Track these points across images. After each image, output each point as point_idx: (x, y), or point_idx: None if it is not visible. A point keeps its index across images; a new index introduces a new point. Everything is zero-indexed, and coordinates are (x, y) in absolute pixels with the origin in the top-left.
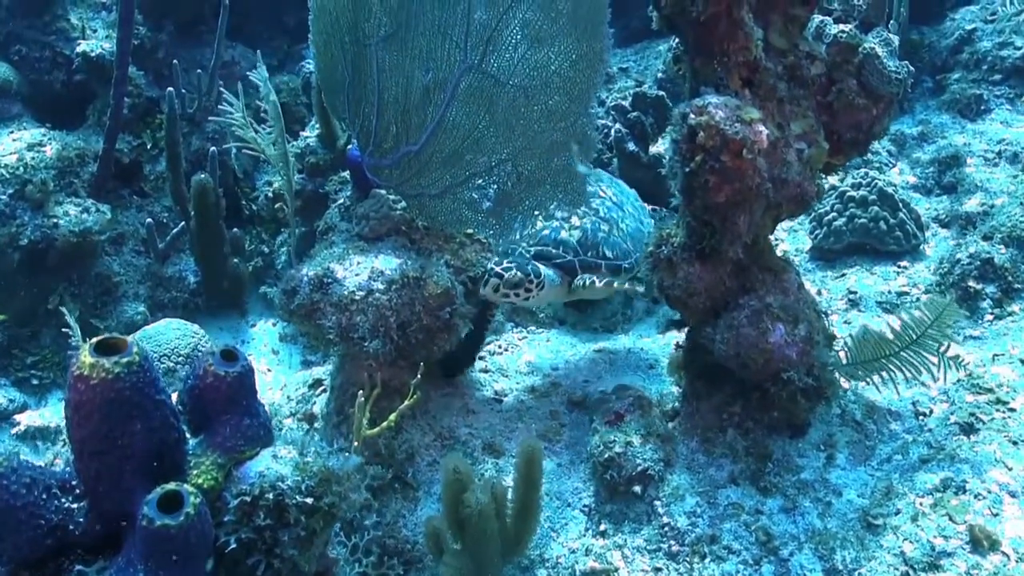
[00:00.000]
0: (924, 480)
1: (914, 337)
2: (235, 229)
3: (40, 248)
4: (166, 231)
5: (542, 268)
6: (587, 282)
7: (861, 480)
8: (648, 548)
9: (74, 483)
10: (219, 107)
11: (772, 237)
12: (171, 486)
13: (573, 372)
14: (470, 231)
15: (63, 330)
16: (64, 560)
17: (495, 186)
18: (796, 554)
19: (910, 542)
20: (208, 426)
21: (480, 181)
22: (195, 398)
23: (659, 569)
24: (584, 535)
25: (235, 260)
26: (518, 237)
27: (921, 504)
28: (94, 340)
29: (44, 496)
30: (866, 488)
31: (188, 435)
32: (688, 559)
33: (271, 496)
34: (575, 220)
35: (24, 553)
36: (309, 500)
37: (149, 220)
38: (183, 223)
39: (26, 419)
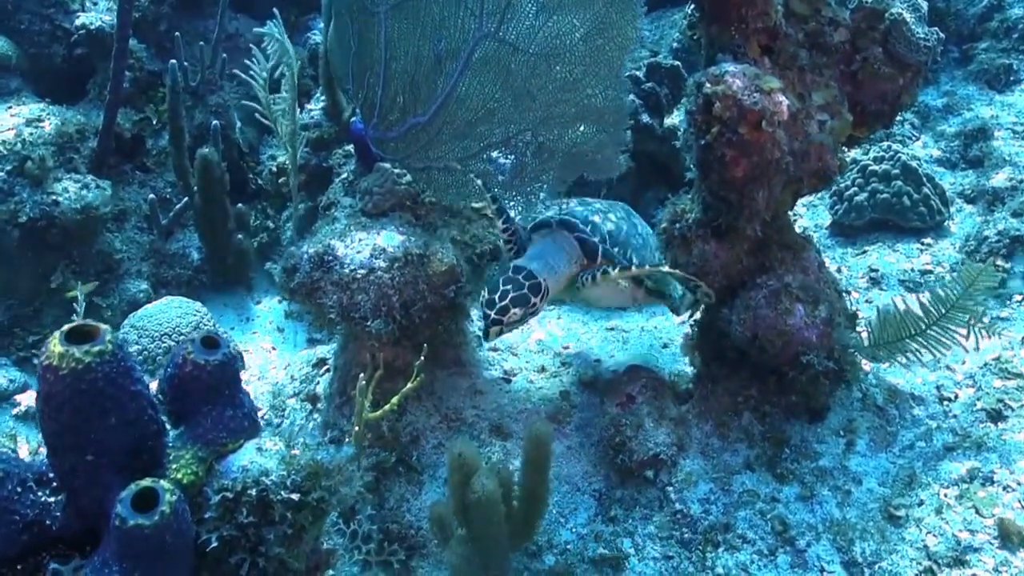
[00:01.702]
0: (949, 470)
1: (943, 310)
2: (240, 204)
3: (40, 225)
4: (169, 207)
5: (543, 268)
6: (594, 277)
7: (882, 468)
8: (660, 535)
9: (51, 475)
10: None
11: (791, 213)
12: (146, 483)
13: (584, 351)
14: (478, 205)
15: (75, 309)
16: (44, 556)
17: (512, 158)
18: (813, 545)
19: (934, 535)
20: (189, 418)
21: (495, 153)
22: (175, 388)
23: (670, 557)
24: (594, 521)
25: (240, 236)
26: (546, 210)
27: (946, 495)
28: (65, 327)
29: (19, 490)
30: (887, 477)
31: (168, 427)
32: (701, 547)
33: (254, 492)
34: (612, 216)
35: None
36: (295, 496)
37: (152, 196)
38: (186, 198)
39: (27, 399)
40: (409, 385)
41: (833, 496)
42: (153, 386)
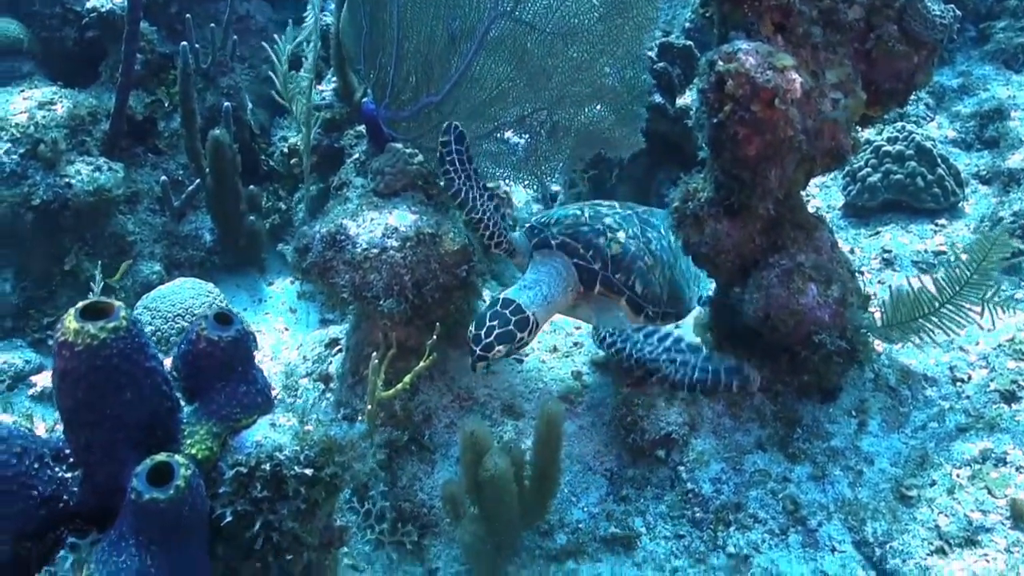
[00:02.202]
0: (961, 450)
1: (958, 286)
2: (252, 186)
3: (53, 208)
4: (182, 189)
5: (534, 300)
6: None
7: (894, 448)
8: (671, 515)
9: (67, 451)
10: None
11: (804, 193)
12: (161, 457)
13: None
14: (490, 185)
15: (92, 288)
16: (61, 531)
17: (526, 137)
18: (825, 524)
19: (946, 515)
20: (203, 394)
21: (509, 132)
22: (188, 364)
23: (682, 536)
24: (605, 500)
25: (252, 217)
26: (552, 223)
27: (958, 476)
28: (80, 304)
29: (36, 465)
30: (899, 457)
31: (182, 403)
32: (712, 527)
33: (268, 467)
34: (621, 235)
35: (17, 525)
36: (309, 471)
37: (164, 178)
38: (199, 180)
39: (43, 380)
40: (421, 364)
41: (845, 476)
42: (167, 364)
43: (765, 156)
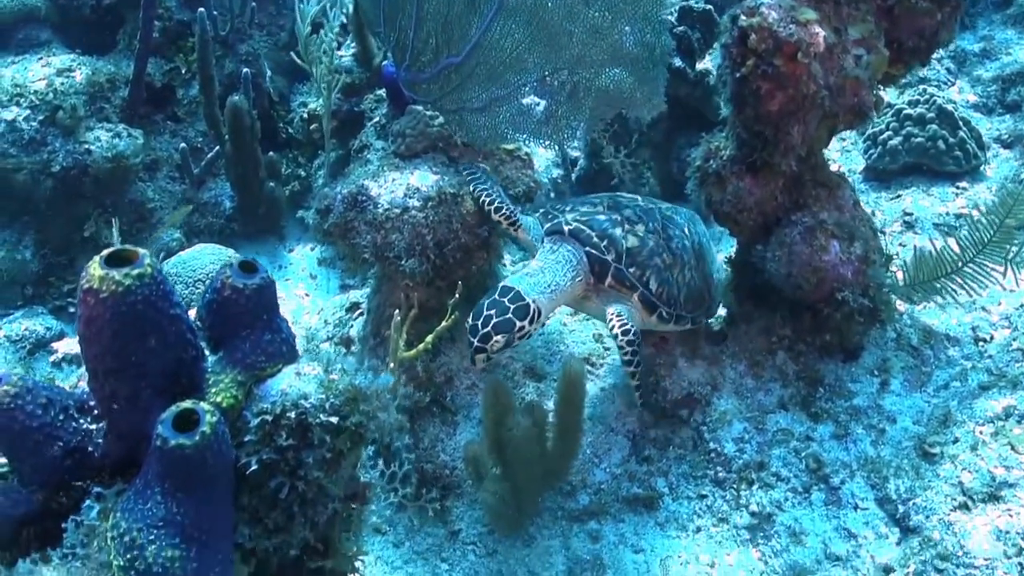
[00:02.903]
0: (984, 407)
1: (982, 241)
2: (271, 153)
3: (73, 175)
4: (201, 156)
5: (536, 287)
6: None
7: (917, 407)
8: (694, 474)
9: (92, 403)
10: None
11: (825, 154)
12: (187, 404)
13: None
14: (511, 147)
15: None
16: (88, 483)
17: (547, 98)
18: (847, 482)
19: (969, 472)
20: (227, 343)
21: (529, 92)
22: (213, 313)
23: (704, 496)
24: (628, 460)
25: (271, 184)
26: (567, 209)
27: (981, 432)
28: (104, 252)
29: (61, 417)
30: (922, 415)
31: (207, 353)
32: (735, 486)
33: (293, 415)
34: (639, 228)
35: (44, 476)
36: (334, 419)
37: (183, 145)
38: (218, 147)
39: (63, 347)
40: (444, 323)
41: (867, 434)
42: (191, 315)
43: (787, 111)
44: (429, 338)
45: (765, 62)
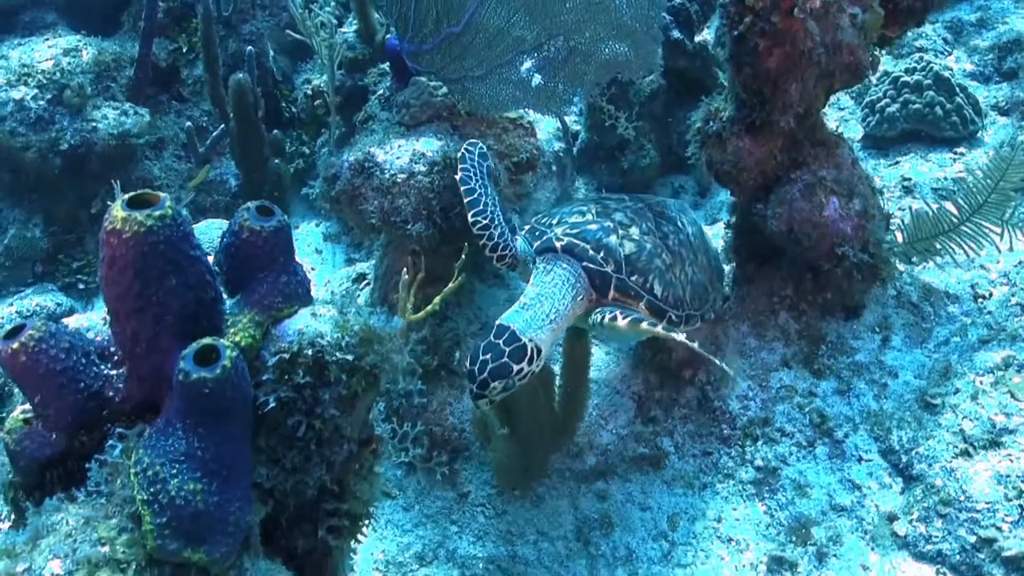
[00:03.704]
0: (984, 359)
1: (978, 201)
2: (275, 131)
3: (80, 153)
4: (206, 136)
5: (532, 322)
6: (606, 318)
7: (918, 362)
8: (699, 433)
9: (112, 350)
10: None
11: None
12: (207, 340)
13: None
14: (514, 116)
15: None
16: (110, 426)
17: (545, 65)
18: (851, 435)
19: (970, 420)
20: (245, 285)
21: (527, 59)
22: (231, 256)
23: (709, 453)
24: (634, 422)
25: (276, 161)
26: (555, 222)
27: (981, 383)
28: (126, 196)
29: (83, 361)
30: (923, 369)
31: (225, 296)
32: (740, 443)
33: (310, 353)
34: (634, 231)
35: (67, 419)
36: (350, 357)
37: (189, 123)
38: (223, 125)
39: (73, 322)
40: (451, 285)
41: (870, 389)
42: (210, 260)
43: (785, 68)
44: (437, 299)
45: (762, 19)
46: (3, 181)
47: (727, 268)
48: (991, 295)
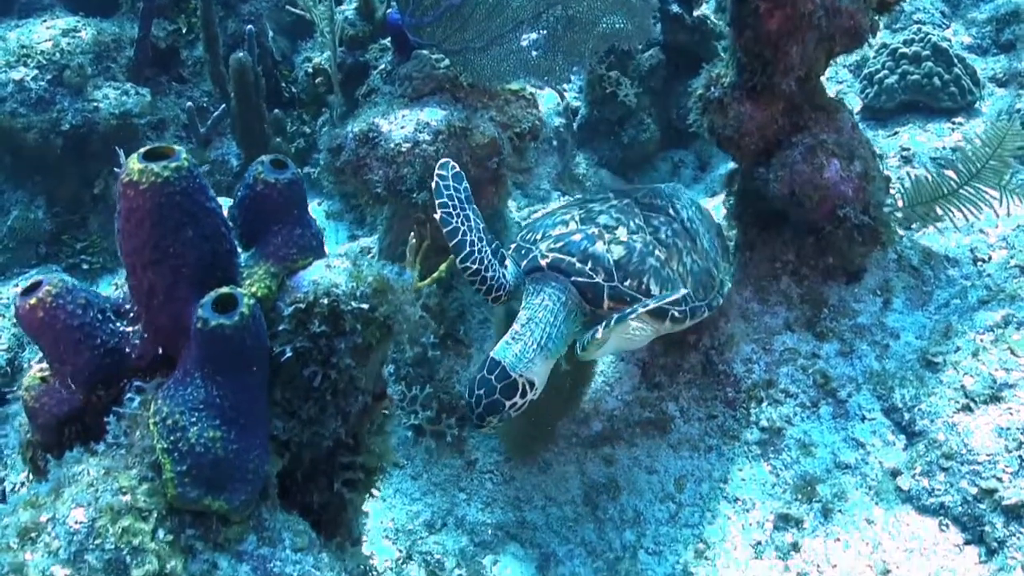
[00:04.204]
0: (984, 318)
1: (975, 168)
2: (276, 110)
3: (82, 133)
4: (206, 116)
5: (524, 355)
6: (589, 339)
7: (919, 323)
8: (704, 397)
9: (127, 307)
10: None
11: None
12: (225, 289)
13: None
14: (515, 87)
15: None
16: (127, 382)
17: (544, 32)
18: (854, 395)
19: (971, 376)
20: (260, 238)
21: (527, 30)
22: (246, 209)
23: (714, 416)
24: (639, 387)
25: (277, 140)
26: (539, 236)
27: (981, 340)
28: (142, 149)
29: (99, 318)
30: (924, 330)
31: (239, 250)
32: (744, 405)
33: (326, 302)
34: (621, 232)
35: (86, 375)
36: (364, 307)
37: (189, 104)
38: (223, 105)
39: None
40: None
41: (872, 350)
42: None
43: (786, 31)
44: (443, 267)
45: None
46: (5, 163)
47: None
48: (990, 258)
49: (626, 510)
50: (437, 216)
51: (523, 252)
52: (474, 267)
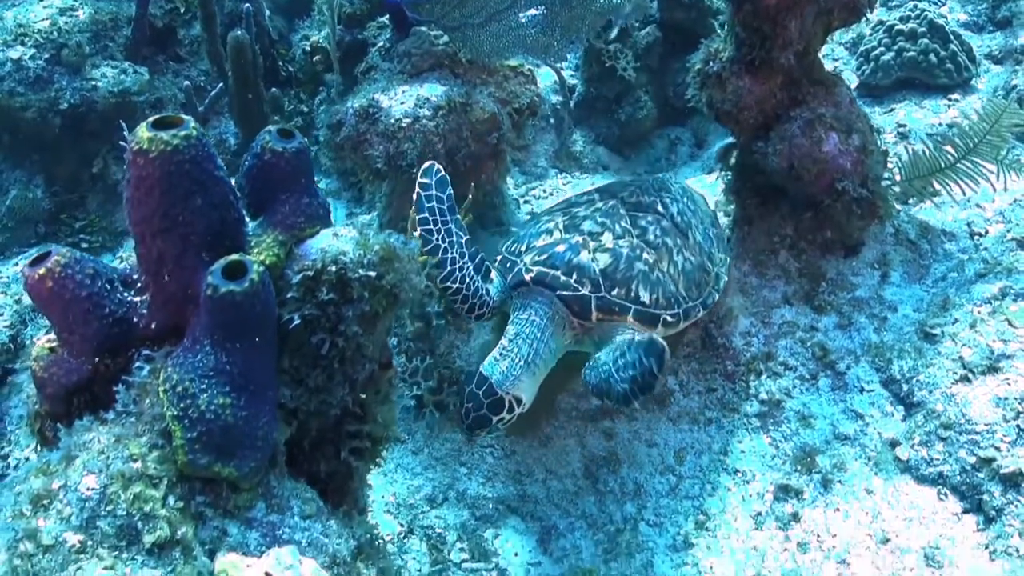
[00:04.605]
0: (981, 291)
1: (972, 143)
2: (273, 89)
3: (80, 112)
4: (203, 95)
5: (511, 372)
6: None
7: (916, 296)
8: (703, 370)
9: (135, 277)
10: None
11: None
12: (235, 256)
13: None
14: (514, 64)
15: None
16: (133, 352)
17: (542, 9)
18: (853, 367)
19: (968, 347)
20: (267, 207)
21: (526, 5)
22: (253, 179)
23: (714, 389)
24: None
25: (275, 119)
26: (524, 248)
27: (979, 312)
28: (151, 119)
29: (108, 287)
30: (922, 303)
31: (247, 219)
32: (744, 378)
33: (334, 270)
34: (607, 238)
35: (95, 343)
36: (372, 274)
37: (187, 83)
38: (221, 84)
39: None
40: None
41: (870, 323)
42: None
43: (785, 5)
44: None
45: None
46: (3, 142)
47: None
48: (987, 232)
49: (626, 483)
50: (416, 233)
51: (508, 265)
52: (455, 286)
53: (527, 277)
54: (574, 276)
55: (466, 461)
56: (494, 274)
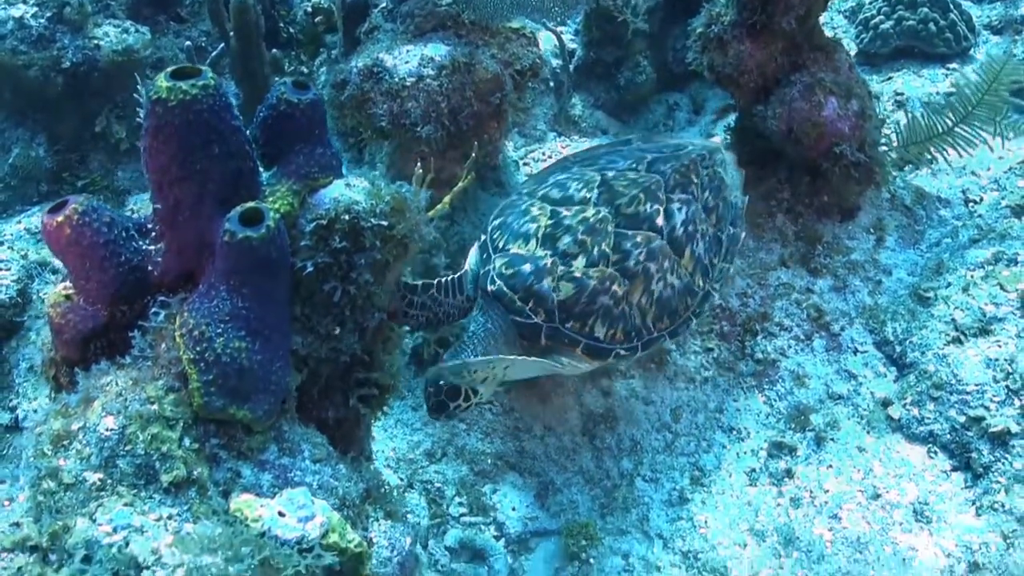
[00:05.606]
0: (975, 256)
1: (970, 105)
2: (274, 50)
3: (83, 71)
4: (205, 56)
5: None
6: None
7: (911, 260)
8: (700, 330)
9: (150, 226)
10: None
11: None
12: (251, 204)
13: None
14: (516, 26)
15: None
16: (148, 299)
17: None
18: (847, 329)
19: (961, 310)
20: (282, 157)
21: None
22: (267, 129)
23: (711, 349)
24: None
25: (276, 79)
26: (503, 244)
27: (972, 276)
28: (169, 69)
29: (124, 235)
30: (916, 267)
31: (261, 170)
32: (740, 338)
33: (347, 218)
34: (578, 264)
35: (111, 290)
36: (384, 223)
37: (188, 43)
38: (222, 45)
39: None
40: (460, 183)
41: (865, 285)
42: None
43: None
44: (447, 198)
45: None
46: (5, 100)
47: None
48: (981, 200)
49: (623, 440)
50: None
51: (484, 256)
52: (420, 299)
53: (490, 289)
54: (531, 303)
55: (465, 417)
56: (470, 257)
